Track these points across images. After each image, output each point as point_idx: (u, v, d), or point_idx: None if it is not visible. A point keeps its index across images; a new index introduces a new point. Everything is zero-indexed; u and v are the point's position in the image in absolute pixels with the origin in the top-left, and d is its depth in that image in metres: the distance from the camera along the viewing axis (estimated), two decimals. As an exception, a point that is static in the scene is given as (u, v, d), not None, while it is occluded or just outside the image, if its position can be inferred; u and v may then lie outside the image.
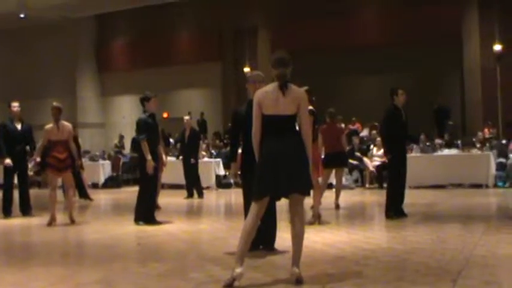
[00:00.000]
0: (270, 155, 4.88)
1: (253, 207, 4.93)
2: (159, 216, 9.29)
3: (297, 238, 4.89)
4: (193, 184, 13.91)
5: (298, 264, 4.85)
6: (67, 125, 9.57)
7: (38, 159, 9.73)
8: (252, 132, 5.02)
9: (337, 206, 10.63)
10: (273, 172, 4.84)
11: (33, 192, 11.78)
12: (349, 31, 21.71)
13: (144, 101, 9.05)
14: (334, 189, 11.00)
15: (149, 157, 8.70)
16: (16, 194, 10.87)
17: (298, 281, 4.78)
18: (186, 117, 14.33)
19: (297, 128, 5.06)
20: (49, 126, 9.44)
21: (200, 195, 13.85)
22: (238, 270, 4.74)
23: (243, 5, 23.05)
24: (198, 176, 14.03)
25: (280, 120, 4.92)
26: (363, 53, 21.28)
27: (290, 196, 4.94)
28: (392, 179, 9.08)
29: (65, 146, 9.38)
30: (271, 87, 5.00)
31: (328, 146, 10.29)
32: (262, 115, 4.95)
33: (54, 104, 9.66)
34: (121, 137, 23.57)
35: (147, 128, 8.85)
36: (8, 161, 10.32)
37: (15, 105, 10.62)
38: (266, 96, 4.95)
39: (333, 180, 11.28)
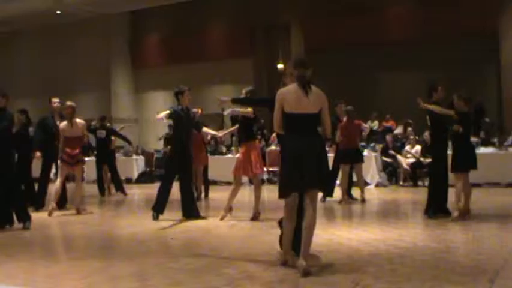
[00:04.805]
0: (296, 154, 5.07)
1: (285, 205, 5.19)
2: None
3: (308, 230, 5.06)
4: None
5: (306, 256, 4.99)
6: (80, 121, 10.20)
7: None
8: (275, 128, 5.31)
9: (363, 200, 10.92)
10: (298, 169, 5.04)
11: (68, 186, 11.93)
12: (383, 27, 21.44)
13: (178, 94, 9.14)
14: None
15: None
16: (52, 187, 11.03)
17: (306, 273, 4.89)
18: (194, 110, 13.95)
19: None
20: (63, 123, 10.11)
21: (206, 195, 12.72)
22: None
23: (275, 0, 22.98)
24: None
25: (304, 118, 5.11)
26: (398, 50, 20.99)
27: (308, 191, 5.13)
28: (434, 178, 8.79)
29: (77, 142, 10.09)
30: (292, 87, 5.18)
31: (345, 142, 10.88)
32: (284, 113, 5.13)
33: (68, 103, 10.28)
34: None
35: (176, 117, 9.00)
36: (38, 154, 10.57)
37: (55, 101, 11.04)
38: (288, 95, 5.12)
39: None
